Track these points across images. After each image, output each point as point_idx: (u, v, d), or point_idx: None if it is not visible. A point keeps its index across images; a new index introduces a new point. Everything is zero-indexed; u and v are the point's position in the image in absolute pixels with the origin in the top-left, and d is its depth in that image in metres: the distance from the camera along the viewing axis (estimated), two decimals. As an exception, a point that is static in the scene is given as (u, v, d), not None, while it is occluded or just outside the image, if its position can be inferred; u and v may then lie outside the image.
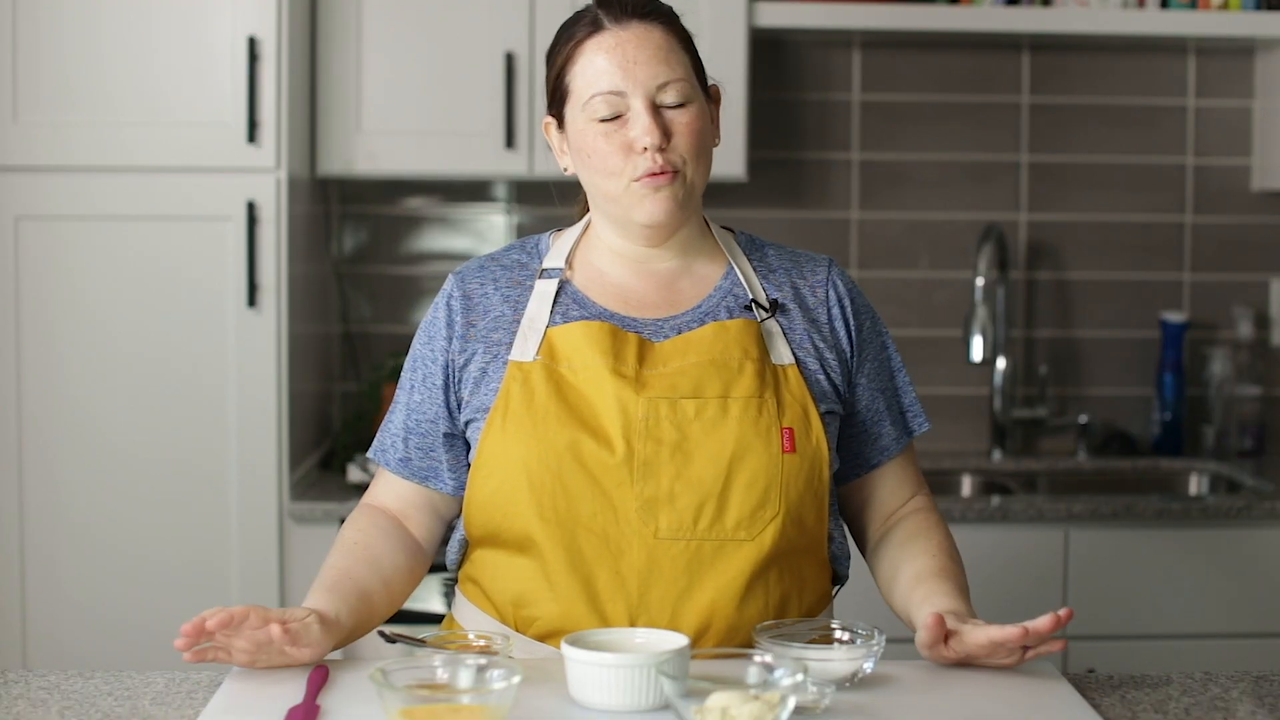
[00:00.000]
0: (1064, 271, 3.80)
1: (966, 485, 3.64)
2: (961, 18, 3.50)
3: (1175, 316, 3.71)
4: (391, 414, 1.97)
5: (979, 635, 1.72)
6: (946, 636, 1.75)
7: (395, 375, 3.49)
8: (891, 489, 2.00)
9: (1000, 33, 3.57)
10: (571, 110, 1.86)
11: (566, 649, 1.63)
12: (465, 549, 1.94)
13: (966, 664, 1.77)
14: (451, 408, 1.91)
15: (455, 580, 1.98)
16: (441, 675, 1.60)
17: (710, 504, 1.79)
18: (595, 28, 1.84)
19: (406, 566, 1.92)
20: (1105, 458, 3.70)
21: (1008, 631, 1.71)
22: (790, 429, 1.82)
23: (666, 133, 1.82)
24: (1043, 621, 1.71)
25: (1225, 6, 3.54)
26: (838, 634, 1.78)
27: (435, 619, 3.11)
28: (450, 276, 1.95)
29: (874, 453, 1.97)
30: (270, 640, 1.70)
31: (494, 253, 1.98)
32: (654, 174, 1.82)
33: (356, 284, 3.71)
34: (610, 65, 1.82)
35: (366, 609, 1.85)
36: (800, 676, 1.56)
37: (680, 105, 1.83)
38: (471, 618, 1.90)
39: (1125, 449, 3.72)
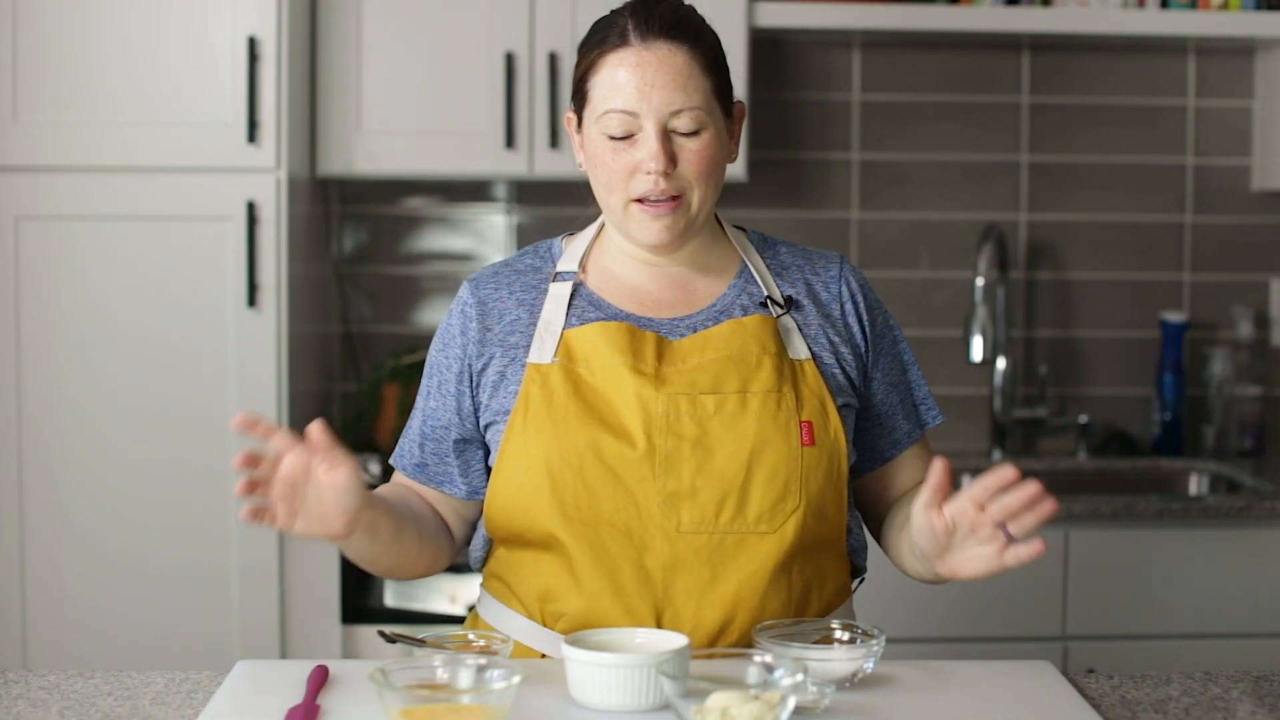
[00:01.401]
0: (1064, 271, 3.80)
1: (966, 485, 3.63)
2: (961, 18, 3.50)
3: (1175, 316, 3.71)
4: (410, 421, 2.00)
5: (967, 493, 1.74)
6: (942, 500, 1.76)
7: (395, 375, 3.50)
8: (906, 480, 2.02)
9: (1000, 33, 3.57)
10: (588, 117, 1.87)
11: (566, 649, 1.63)
12: (489, 548, 1.95)
13: (949, 571, 1.77)
14: (464, 414, 1.92)
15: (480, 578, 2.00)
16: (441, 675, 1.61)
17: (732, 497, 1.80)
18: (622, 41, 1.83)
19: (434, 523, 1.96)
20: (1105, 458, 3.70)
21: (986, 481, 1.73)
22: (809, 422, 1.84)
23: (673, 159, 1.83)
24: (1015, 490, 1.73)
25: (1225, 6, 3.54)
26: (838, 634, 1.78)
27: (437, 619, 3.11)
28: (465, 283, 1.97)
29: (887, 446, 1.99)
30: (306, 456, 1.68)
31: (507, 259, 2.00)
32: (655, 200, 1.83)
33: (356, 284, 3.71)
34: (628, 84, 1.82)
35: (396, 518, 1.86)
36: (800, 676, 1.57)
37: (692, 133, 1.84)
38: (498, 615, 1.91)
39: (1125, 449, 3.72)
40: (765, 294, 1.92)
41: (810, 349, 1.90)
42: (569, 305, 1.90)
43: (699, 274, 1.94)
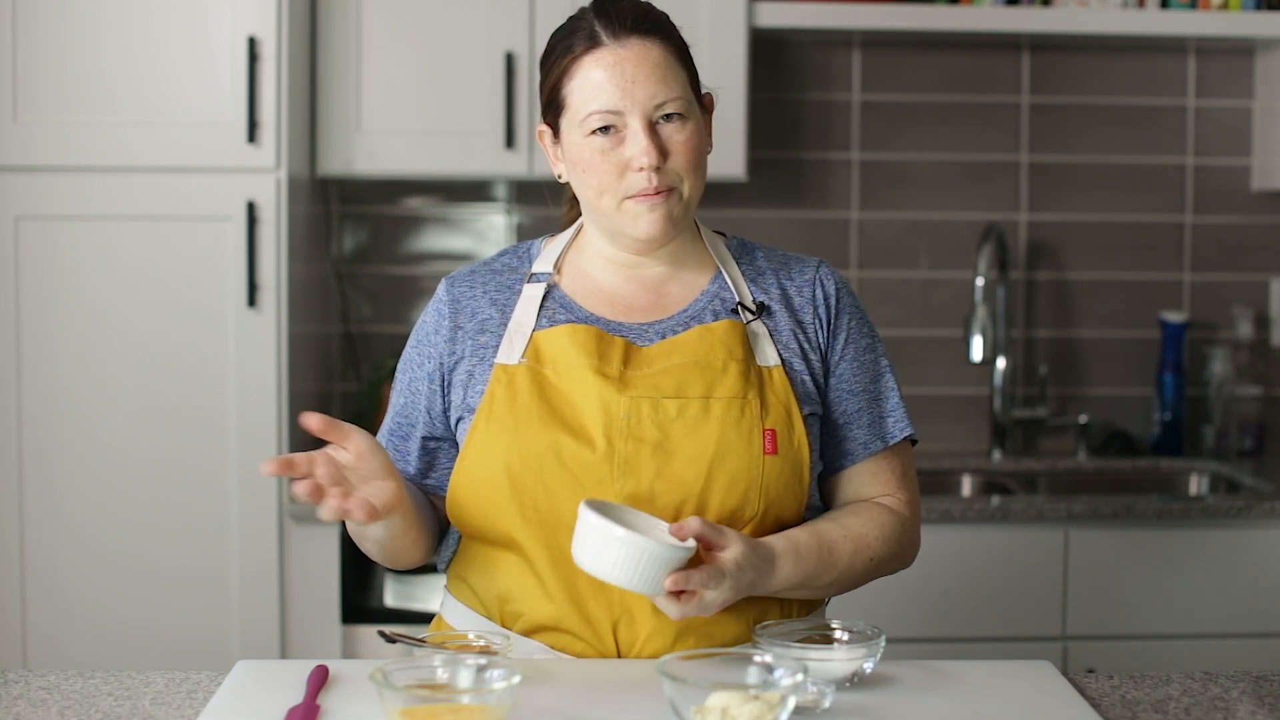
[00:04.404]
0: (1064, 271, 3.80)
1: (966, 485, 3.64)
2: (961, 18, 3.50)
3: (1175, 316, 3.71)
4: (386, 415, 2.00)
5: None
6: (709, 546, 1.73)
7: (395, 375, 3.50)
8: (859, 493, 1.95)
9: (1000, 33, 3.57)
10: (567, 124, 1.86)
11: (586, 510, 1.66)
12: (454, 550, 1.94)
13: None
14: (434, 413, 1.92)
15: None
16: (441, 675, 1.61)
17: (691, 503, 1.79)
18: (593, 43, 1.82)
19: (430, 506, 1.94)
20: (1105, 458, 3.70)
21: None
22: (772, 430, 1.82)
23: (663, 151, 1.82)
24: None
25: (1225, 6, 3.54)
26: (838, 634, 1.78)
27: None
28: (442, 281, 1.97)
29: (837, 456, 1.94)
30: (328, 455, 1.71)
31: (486, 258, 2.00)
32: (648, 194, 1.83)
33: (356, 284, 3.71)
34: (608, 83, 1.81)
35: (417, 503, 1.87)
36: (800, 676, 1.57)
37: (677, 123, 1.83)
38: (459, 616, 1.91)
39: (1125, 449, 3.72)
40: (737, 300, 1.92)
41: (781, 355, 1.89)
42: (541, 307, 1.90)
43: (673, 279, 1.93)
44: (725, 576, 1.70)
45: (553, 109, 1.88)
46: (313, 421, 1.70)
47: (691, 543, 1.69)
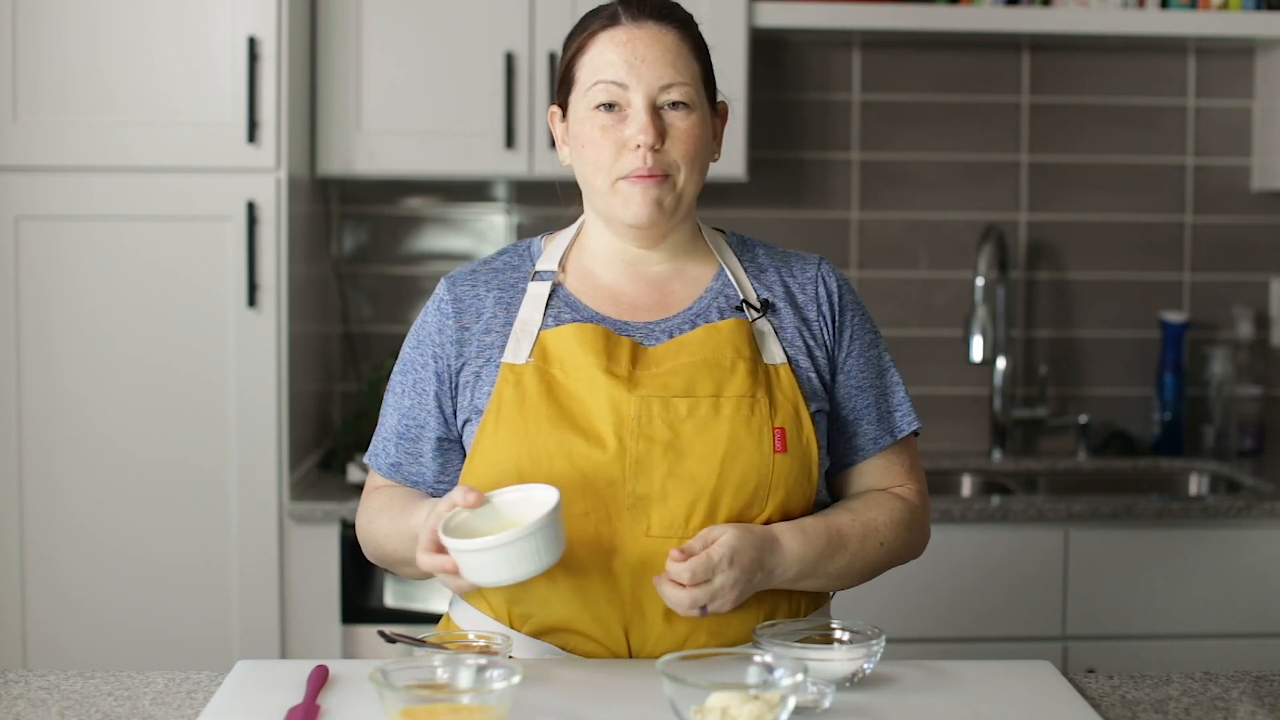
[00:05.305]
0: (1064, 271, 3.80)
1: (966, 485, 3.64)
2: (961, 18, 3.50)
3: (1175, 316, 3.71)
4: (384, 418, 1.98)
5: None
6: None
7: (392, 378, 3.50)
8: (870, 486, 1.96)
9: (1000, 33, 3.57)
10: (575, 97, 1.88)
11: (444, 539, 1.65)
12: None
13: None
14: (446, 412, 1.91)
15: None
16: (441, 675, 1.61)
17: (702, 502, 1.79)
18: (611, 22, 1.86)
19: None
20: (1105, 458, 3.70)
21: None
22: (782, 429, 1.83)
23: (662, 135, 1.83)
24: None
25: (1225, 6, 3.54)
26: (838, 634, 1.78)
27: (437, 619, 3.11)
28: (442, 281, 1.96)
29: (848, 452, 1.95)
30: None
31: (485, 257, 1.99)
32: (642, 175, 1.83)
33: (356, 284, 3.71)
34: (618, 58, 1.84)
35: None
36: (800, 676, 1.57)
37: (681, 110, 1.84)
38: (468, 616, 1.91)
39: (1125, 449, 3.72)
40: (741, 298, 1.92)
41: (786, 353, 1.89)
42: (546, 306, 1.90)
43: (676, 277, 1.93)
44: (720, 561, 1.71)
45: (565, 86, 1.90)
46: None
47: (544, 489, 1.68)
